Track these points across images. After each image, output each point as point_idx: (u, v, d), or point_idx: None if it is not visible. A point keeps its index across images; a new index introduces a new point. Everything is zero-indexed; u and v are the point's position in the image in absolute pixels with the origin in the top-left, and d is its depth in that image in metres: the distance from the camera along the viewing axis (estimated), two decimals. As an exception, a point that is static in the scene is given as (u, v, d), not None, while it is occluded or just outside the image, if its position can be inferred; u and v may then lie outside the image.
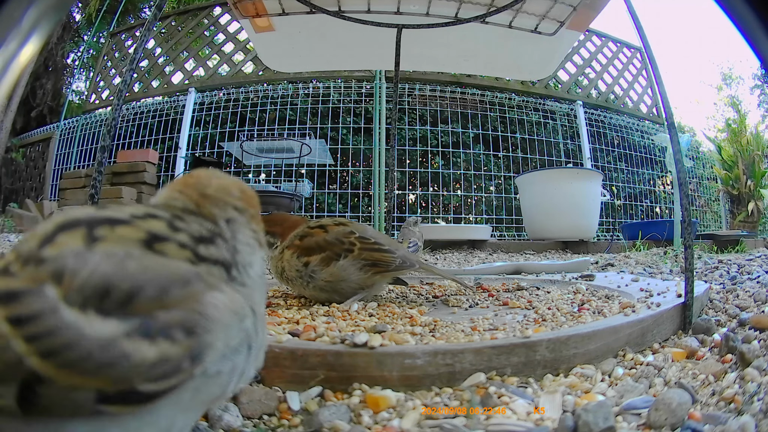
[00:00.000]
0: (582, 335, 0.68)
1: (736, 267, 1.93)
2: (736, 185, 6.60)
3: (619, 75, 6.55)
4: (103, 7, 7.96)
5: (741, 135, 6.71)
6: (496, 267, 2.05)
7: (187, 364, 0.31)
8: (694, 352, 0.74)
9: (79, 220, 0.34)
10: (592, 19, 1.81)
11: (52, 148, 6.58)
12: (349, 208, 5.53)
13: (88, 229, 0.33)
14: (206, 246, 0.37)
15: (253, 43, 2.24)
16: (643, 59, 6.18)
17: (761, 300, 1.07)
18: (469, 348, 0.61)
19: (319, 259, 1.05)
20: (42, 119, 8.08)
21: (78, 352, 0.29)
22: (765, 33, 0.39)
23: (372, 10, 1.84)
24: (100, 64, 6.88)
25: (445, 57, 2.28)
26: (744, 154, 6.55)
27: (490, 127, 5.85)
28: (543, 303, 1.08)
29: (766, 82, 12.74)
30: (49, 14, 0.38)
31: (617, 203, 6.19)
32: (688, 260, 0.91)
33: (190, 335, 0.31)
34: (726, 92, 14.51)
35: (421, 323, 0.84)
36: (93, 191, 0.99)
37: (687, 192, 0.99)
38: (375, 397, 0.55)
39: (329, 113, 5.66)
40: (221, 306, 0.34)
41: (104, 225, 0.34)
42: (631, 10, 1.07)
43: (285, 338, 0.64)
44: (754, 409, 0.53)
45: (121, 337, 0.29)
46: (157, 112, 5.95)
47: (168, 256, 0.34)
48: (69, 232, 0.33)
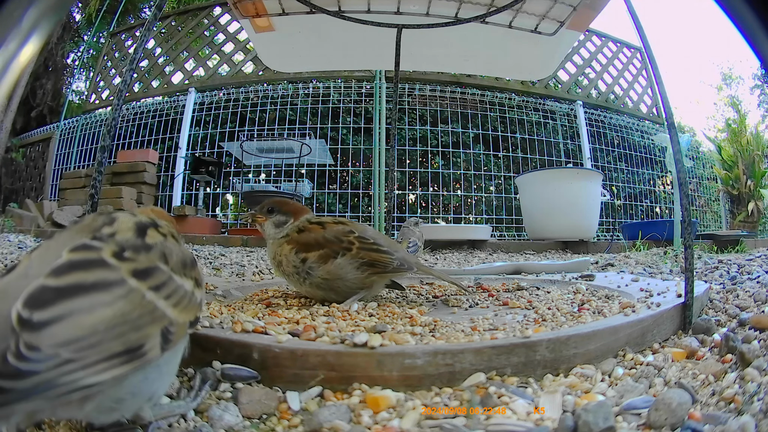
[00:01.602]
0: (582, 335, 0.68)
1: (736, 267, 1.93)
2: (736, 185, 6.60)
3: (619, 75, 6.56)
4: (103, 7, 7.96)
5: (741, 135, 6.71)
6: (496, 267, 2.05)
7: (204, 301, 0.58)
8: (694, 352, 0.74)
9: (144, 222, 0.51)
10: (592, 19, 1.81)
11: (52, 148, 6.58)
12: (349, 208, 5.53)
13: (154, 227, 0.51)
14: None
15: (253, 43, 2.24)
16: (643, 59, 6.18)
17: (761, 300, 1.07)
18: (469, 348, 0.61)
19: (317, 255, 1.05)
20: (42, 119, 8.08)
21: (187, 299, 0.48)
22: (765, 33, 0.39)
23: (372, 10, 1.84)
24: (100, 64, 6.88)
25: (445, 57, 2.28)
26: (744, 154, 6.55)
27: (490, 127, 5.85)
28: (543, 303, 1.08)
29: (766, 82, 12.75)
30: (49, 14, 0.38)
31: (617, 203, 6.19)
32: (688, 260, 0.91)
33: (202, 286, 0.54)
34: (726, 92, 14.55)
35: (421, 323, 0.84)
36: (93, 191, 0.99)
37: (687, 192, 0.99)
38: (375, 397, 0.55)
39: (329, 113, 5.67)
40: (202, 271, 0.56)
41: (154, 225, 0.52)
42: (631, 10, 1.07)
43: (285, 338, 0.64)
44: (754, 409, 0.53)
45: (195, 288, 0.50)
46: (157, 112, 5.95)
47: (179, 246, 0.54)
48: (150, 229, 0.50)
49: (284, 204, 1.16)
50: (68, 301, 0.38)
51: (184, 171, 5.41)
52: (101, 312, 0.39)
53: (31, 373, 0.34)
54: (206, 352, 0.64)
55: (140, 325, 0.41)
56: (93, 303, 0.39)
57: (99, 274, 0.42)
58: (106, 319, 0.39)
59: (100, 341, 0.38)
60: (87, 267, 0.42)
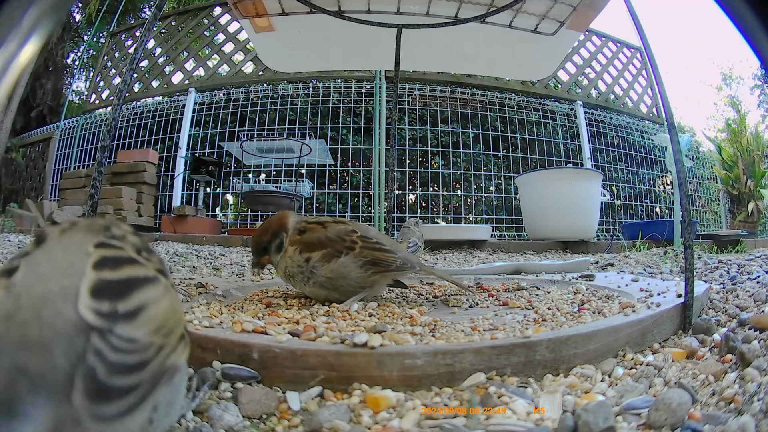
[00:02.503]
0: (582, 335, 0.68)
1: (736, 267, 1.93)
2: (736, 185, 6.60)
3: (619, 75, 6.55)
4: (103, 7, 7.96)
5: (741, 135, 6.71)
6: (496, 267, 2.05)
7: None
8: (694, 352, 0.74)
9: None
10: (592, 19, 1.81)
11: (52, 148, 6.58)
12: (349, 208, 5.53)
13: None
14: None
15: (253, 43, 2.24)
16: (643, 59, 6.18)
17: (761, 300, 1.07)
18: (469, 348, 0.61)
19: (321, 255, 1.05)
20: (42, 119, 8.08)
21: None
22: (765, 33, 0.39)
23: (372, 10, 1.84)
24: (100, 64, 6.88)
25: (445, 57, 2.28)
26: (744, 154, 6.55)
27: (490, 127, 5.85)
28: (543, 303, 1.08)
29: (766, 82, 12.74)
30: (49, 14, 0.38)
31: (617, 203, 6.19)
32: (688, 260, 0.91)
33: None
34: (726, 92, 14.54)
35: (421, 323, 0.84)
36: (93, 191, 0.99)
37: (687, 192, 0.99)
38: (375, 397, 0.55)
39: (329, 113, 5.66)
40: None
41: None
42: (631, 10, 1.07)
43: (285, 338, 0.64)
44: (754, 409, 0.53)
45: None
46: (157, 112, 5.95)
47: None
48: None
49: (266, 230, 1.12)
50: (137, 292, 0.39)
51: (184, 171, 5.40)
52: (164, 302, 0.41)
53: (140, 365, 0.34)
54: (206, 351, 0.64)
55: (180, 317, 0.44)
56: (155, 294, 0.40)
57: (140, 269, 0.42)
58: (168, 308, 0.41)
59: (171, 328, 0.40)
60: (125, 263, 0.41)
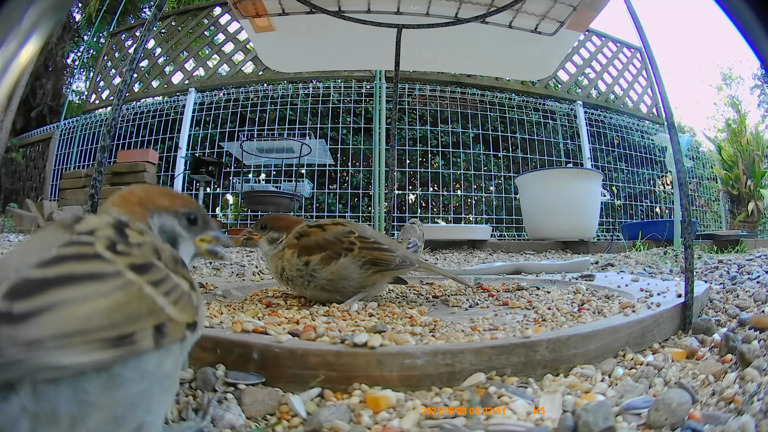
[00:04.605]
0: (582, 335, 0.68)
1: (736, 267, 1.93)
2: (736, 185, 6.60)
3: (619, 75, 6.55)
4: (103, 7, 7.97)
5: (741, 135, 6.72)
6: (496, 267, 2.05)
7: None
8: (694, 352, 0.74)
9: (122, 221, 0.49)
10: (592, 19, 1.81)
11: (52, 148, 6.58)
12: (349, 208, 5.53)
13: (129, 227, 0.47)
14: None
15: (253, 43, 2.24)
16: (643, 59, 6.18)
17: (761, 300, 1.07)
18: (469, 348, 0.61)
19: (320, 258, 1.05)
20: (42, 119, 8.08)
21: (185, 299, 0.44)
22: (765, 33, 0.39)
23: (372, 10, 1.84)
24: (100, 64, 6.88)
25: (445, 57, 2.28)
26: (744, 154, 6.55)
27: (490, 127, 5.85)
28: (543, 303, 1.08)
29: (766, 82, 12.74)
30: (49, 14, 0.38)
31: (617, 203, 6.19)
32: (688, 260, 0.91)
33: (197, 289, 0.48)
34: (726, 92, 14.53)
35: (421, 323, 0.84)
36: (93, 191, 0.99)
37: (687, 192, 0.99)
38: (375, 397, 0.55)
39: (329, 113, 5.66)
40: None
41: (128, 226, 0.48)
42: (631, 10, 1.07)
43: (285, 338, 0.64)
44: (754, 409, 0.53)
45: (191, 290, 0.46)
46: (157, 112, 5.95)
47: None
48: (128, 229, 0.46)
49: (277, 220, 1.18)
50: (56, 292, 0.35)
51: (184, 171, 5.40)
52: (95, 302, 0.36)
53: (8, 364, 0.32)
54: (206, 352, 0.64)
55: (137, 317, 0.38)
56: (86, 293, 0.36)
57: (94, 265, 0.39)
58: (99, 309, 0.36)
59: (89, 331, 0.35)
60: (80, 259, 0.40)
